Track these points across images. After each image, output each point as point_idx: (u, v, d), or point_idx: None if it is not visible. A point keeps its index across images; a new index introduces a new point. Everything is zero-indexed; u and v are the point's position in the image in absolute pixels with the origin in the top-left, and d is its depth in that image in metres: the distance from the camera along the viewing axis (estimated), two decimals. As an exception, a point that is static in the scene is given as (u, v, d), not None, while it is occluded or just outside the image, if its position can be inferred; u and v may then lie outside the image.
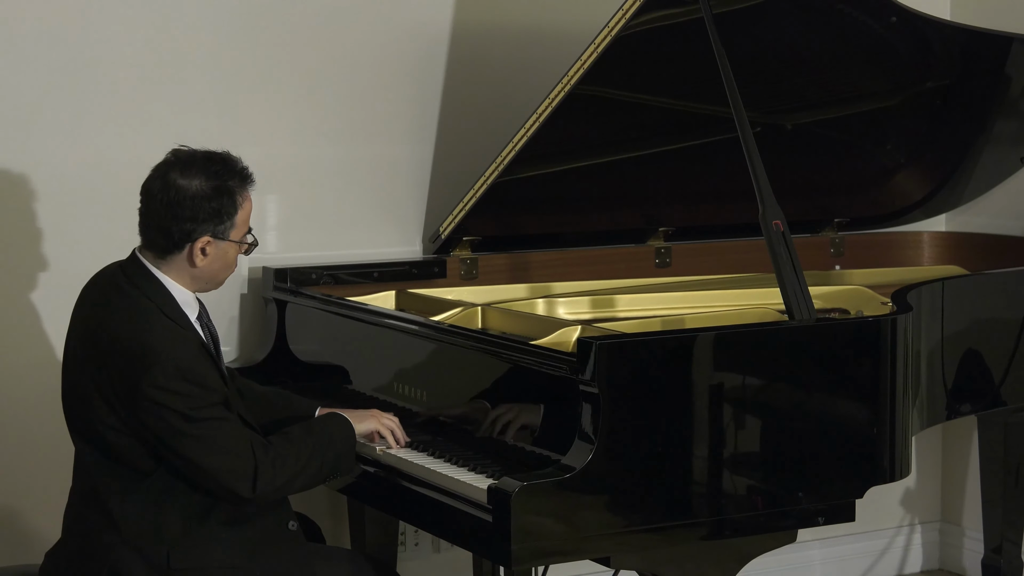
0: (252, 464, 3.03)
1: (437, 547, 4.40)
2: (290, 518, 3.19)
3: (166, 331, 3.04)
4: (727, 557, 3.22)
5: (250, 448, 3.05)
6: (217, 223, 3.09)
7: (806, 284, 3.36)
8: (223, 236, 3.10)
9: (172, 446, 3.00)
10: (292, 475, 3.10)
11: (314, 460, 3.15)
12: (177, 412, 2.98)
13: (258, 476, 3.03)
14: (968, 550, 5.08)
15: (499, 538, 2.96)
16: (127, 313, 3.07)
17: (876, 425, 3.32)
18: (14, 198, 3.86)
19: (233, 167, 3.12)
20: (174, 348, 3.01)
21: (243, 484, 3.03)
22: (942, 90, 4.43)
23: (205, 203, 3.07)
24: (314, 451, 3.15)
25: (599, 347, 3.02)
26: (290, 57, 4.16)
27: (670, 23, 3.77)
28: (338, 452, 3.21)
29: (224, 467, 3.01)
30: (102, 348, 3.05)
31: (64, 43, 3.88)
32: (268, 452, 3.07)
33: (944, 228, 5.02)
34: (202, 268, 3.11)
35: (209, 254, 3.10)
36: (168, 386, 2.97)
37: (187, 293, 3.14)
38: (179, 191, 3.06)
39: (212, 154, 3.13)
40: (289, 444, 3.13)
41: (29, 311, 3.87)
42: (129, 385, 2.99)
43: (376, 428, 3.33)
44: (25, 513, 3.89)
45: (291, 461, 3.10)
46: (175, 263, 3.11)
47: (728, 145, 3.65)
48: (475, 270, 4.21)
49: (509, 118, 4.07)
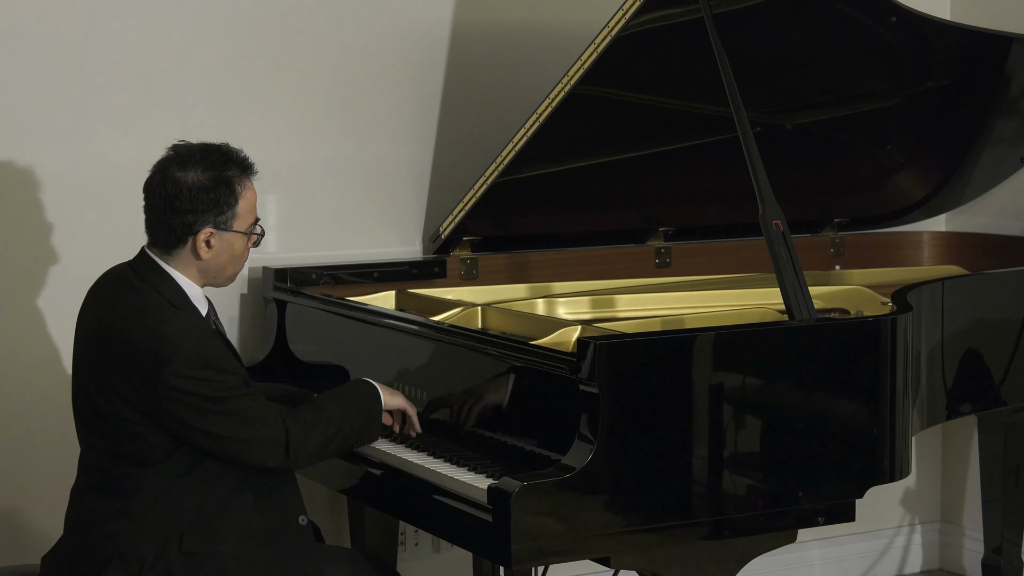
0: (283, 431, 3.07)
1: (437, 547, 4.40)
2: (301, 512, 3.20)
3: (180, 322, 3.07)
4: (727, 557, 3.22)
5: (279, 416, 3.09)
6: (217, 214, 3.10)
7: (806, 284, 3.36)
8: (226, 227, 3.11)
9: (201, 427, 3.02)
10: (323, 441, 3.14)
11: (345, 425, 3.19)
12: (203, 396, 3.01)
13: (290, 442, 3.08)
14: (968, 550, 5.08)
15: (499, 538, 2.96)
16: (139, 307, 3.08)
17: (876, 425, 3.32)
18: (14, 198, 3.86)
19: (232, 157, 3.14)
20: (191, 338, 3.04)
21: (277, 451, 3.07)
22: (942, 90, 4.43)
23: (203, 194, 3.08)
24: (345, 416, 3.20)
25: (599, 347, 3.02)
26: (290, 57, 4.16)
27: (670, 23, 3.77)
28: (367, 418, 3.24)
29: (257, 436, 3.05)
30: (116, 343, 3.06)
31: (64, 43, 3.88)
32: (297, 419, 3.11)
33: (944, 228, 5.02)
34: (208, 261, 3.12)
35: (214, 246, 3.11)
36: (191, 374, 3.00)
37: (197, 288, 3.15)
38: (177, 184, 3.08)
39: (210, 146, 3.14)
40: (318, 411, 3.17)
41: (29, 311, 3.87)
42: (149, 379, 3.00)
43: (404, 406, 3.35)
44: (25, 513, 3.90)
45: (321, 427, 3.14)
46: (181, 257, 3.12)
47: (728, 145, 3.65)
48: (475, 270, 4.21)
49: (509, 118, 4.07)
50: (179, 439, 3.05)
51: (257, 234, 3.19)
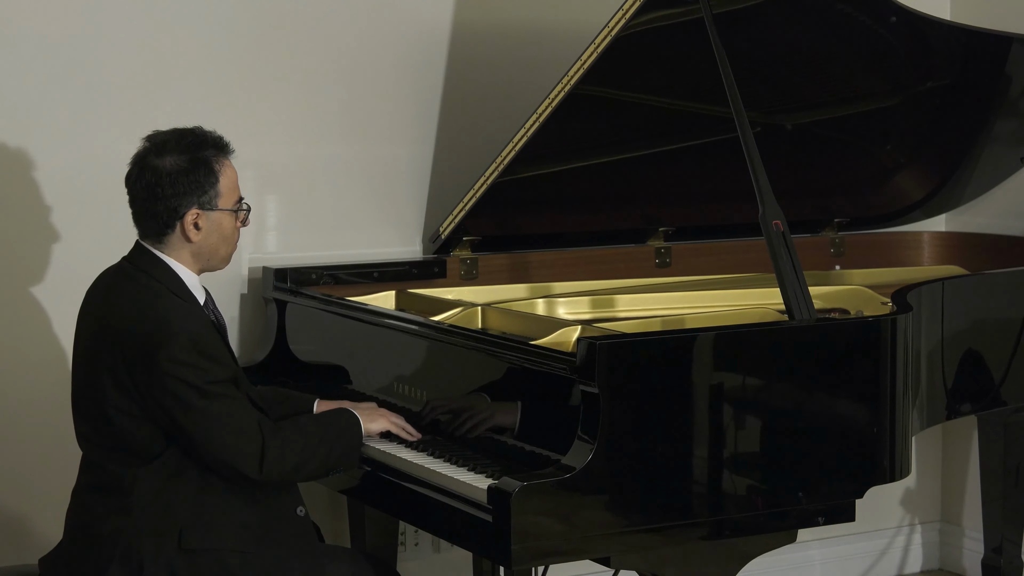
0: (260, 445, 3.06)
1: (437, 547, 4.40)
2: (299, 503, 3.21)
3: (178, 307, 3.09)
4: (727, 557, 3.22)
5: (259, 429, 3.08)
6: (200, 194, 3.12)
7: (806, 284, 3.36)
8: (211, 207, 3.14)
9: (182, 424, 3.02)
10: (300, 461, 3.12)
11: (321, 449, 3.17)
12: (191, 386, 3.01)
13: (265, 457, 3.06)
14: (968, 550, 5.08)
15: (499, 538, 2.96)
16: (137, 295, 3.11)
17: (876, 425, 3.32)
18: (14, 198, 3.86)
19: (206, 138, 3.17)
20: (187, 322, 3.06)
21: (251, 464, 3.05)
22: (942, 90, 4.43)
23: (183, 177, 3.11)
24: (322, 441, 3.18)
25: (599, 347, 3.02)
26: (290, 57, 4.16)
27: (670, 23, 3.77)
28: (346, 446, 3.24)
29: (232, 446, 3.04)
30: (114, 332, 3.07)
31: (64, 43, 3.88)
32: (277, 435, 3.10)
33: (944, 228, 5.02)
34: (199, 243, 3.14)
35: (202, 227, 3.13)
36: (184, 359, 3.01)
37: (193, 276, 3.17)
38: (156, 171, 3.11)
39: (183, 130, 3.18)
40: (298, 430, 3.16)
41: (29, 311, 3.87)
42: (146, 361, 3.01)
43: (387, 428, 3.35)
44: (25, 513, 3.89)
45: (299, 447, 3.13)
46: (173, 244, 3.14)
47: (728, 145, 3.65)
48: (475, 270, 4.21)
49: (509, 118, 4.07)
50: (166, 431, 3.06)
51: (244, 210, 3.21)
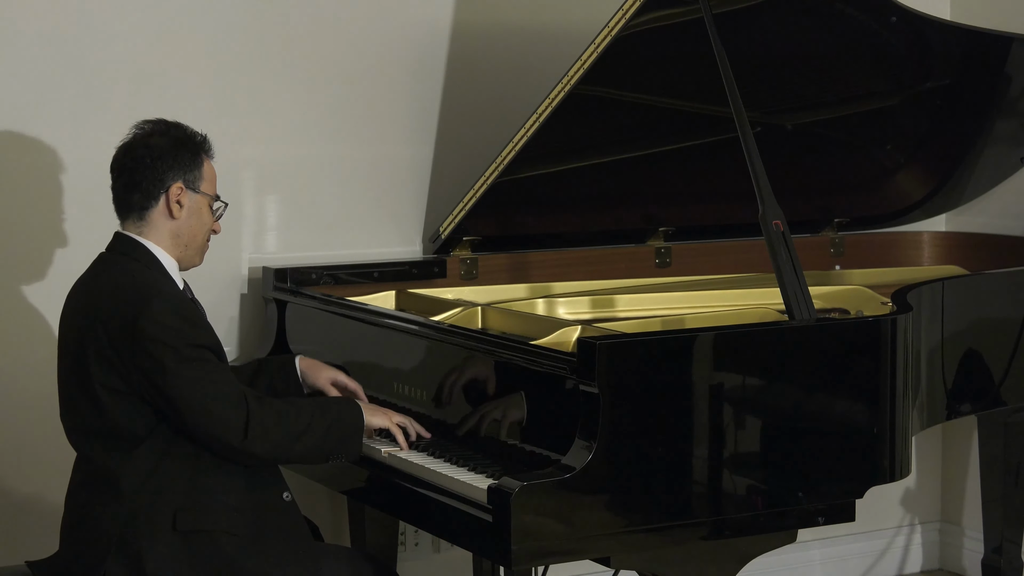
0: (244, 412, 3.06)
1: (437, 547, 4.40)
2: (284, 489, 3.21)
3: (158, 280, 3.13)
4: (727, 557, 3.22)
5: (243, 397, 3.08)
6: (186, 172, 3.18)
7: (806, 284, 3.36)
8: (194, 187, 3.19)
9: (164, 389, 3.03)
10: (289, 436, 3.12)
11: (316, 430, 3.16)
12: (171, 348, 3.03)
13: (249, 425, 3.06)
14: (968, 550, 5.08)
15: (499, 538, 2.96)
16: (117, 273, 3.14)
17: (876, 425, 3.32)
18: (13, 198, 3.86)
19: (190, 131, 3.24)
20: (169, 291, 3.11)
21: (234, 432, 3.06)
22: (942, 90, 4.43)
23: (171, 151, 3.17)
24: (317, 420, 3.17)
25: (599, 347, 3.02)
26: (291, 57, 4.16)
27: (670, 23, 3.77)
28: (345, 430, 3.23)
29: (215, 412, 3.04)
30: (96, 311, 3.09)
31: (64, 43, 3.88)
32: (263, 405, 3.11)
33: (944, 228, 5.02)
34: (181, 223, 3.17)
35: (185, 205, 3.17)
36: (164, 321, 3.03)
37: (172, 262, 3.20)
38: (145, 147, 3.17)
39: (168, 121, 3.24)
40: (291, 406, 3.17)
41: (27, 311, 3.87)
42: (128, 329, 3.03)
43: (387, 426, 3.34)
44: (25, 513, 3.89)
45: (290, 421, 3.12)
46: (155, 221, 3.17)
47: (728, 145, 3.65)
48: (475, 270, 4.21)
49: (509, 118, 4.07)
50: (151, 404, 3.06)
51: (222, 204, 3.25)
